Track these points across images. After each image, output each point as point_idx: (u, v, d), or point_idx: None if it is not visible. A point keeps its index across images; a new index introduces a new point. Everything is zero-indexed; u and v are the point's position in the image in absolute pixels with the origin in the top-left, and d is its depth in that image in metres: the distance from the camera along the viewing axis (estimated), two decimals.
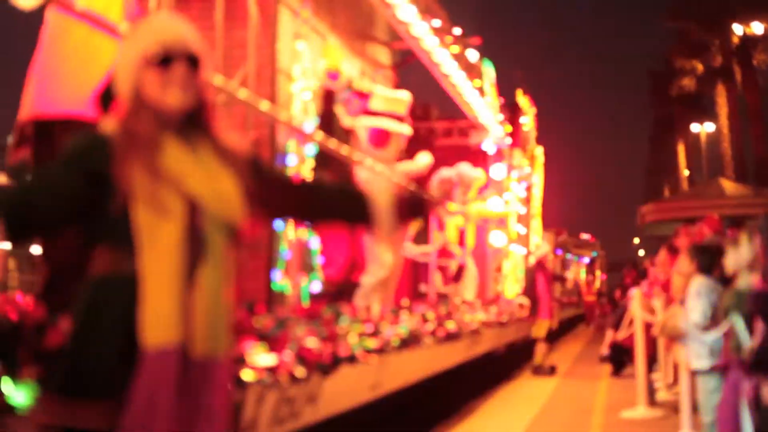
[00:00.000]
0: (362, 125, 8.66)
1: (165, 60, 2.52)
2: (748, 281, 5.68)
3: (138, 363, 2.29)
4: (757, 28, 38.05)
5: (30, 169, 3.93)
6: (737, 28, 38.52)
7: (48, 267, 4.15)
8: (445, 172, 11.80)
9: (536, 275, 14.61)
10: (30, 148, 4.16)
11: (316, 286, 7.50)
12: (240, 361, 3.65)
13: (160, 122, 2.49)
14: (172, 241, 2.38)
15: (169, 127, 2.50)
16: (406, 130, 8.91)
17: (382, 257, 8.30)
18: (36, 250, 4.23)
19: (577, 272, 39.68)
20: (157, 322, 2.32)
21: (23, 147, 4.17)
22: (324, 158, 7.60)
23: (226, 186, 2.54)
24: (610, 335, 14.43)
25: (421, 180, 11.06)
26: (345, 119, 7.96)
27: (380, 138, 8.72)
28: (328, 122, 7.56)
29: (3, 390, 2.47)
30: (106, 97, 2.58)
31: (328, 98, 7.78)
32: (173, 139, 2.49)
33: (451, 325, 7.82)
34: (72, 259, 4.19)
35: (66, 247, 4.21)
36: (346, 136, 7.59)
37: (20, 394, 2.50)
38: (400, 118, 8.86)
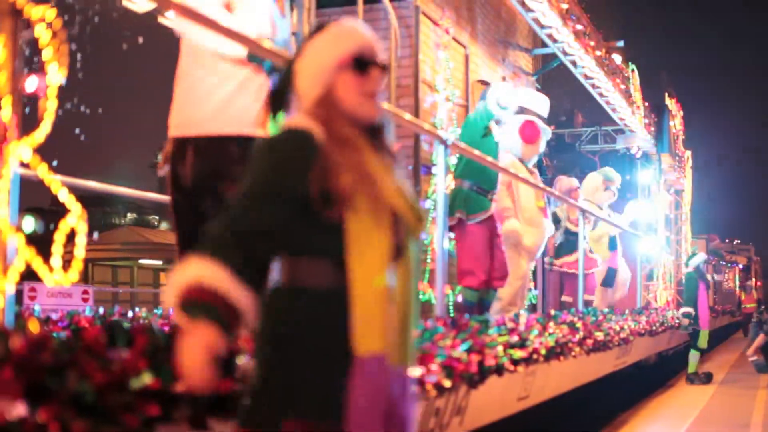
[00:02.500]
0: (511, 121, 8.53)
1: (361, 66, 2.51)
2: None
3: (350, 375, 2.29)
4: None
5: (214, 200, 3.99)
6: None
7: None
8: (591, 177, 11.58)
9: (696, 284, 14.22)
10: (169, 165, 4.24)
11: (459, 297, 7.46)
12: None
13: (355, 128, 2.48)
14: (383, 250, 2.36)
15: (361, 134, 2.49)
16: (549, 132, 8.78)
17: (519, 267, 8.21)
18: None
19: (731, 279, 38.56)
20: (370, 331, 2.31)
21: (165, 164, 4.25)
22: (467, 167, 7.56)
23: (413, 197, 2.53)
24: (761, 339, 13.98)
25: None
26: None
27: (531, 133, 8.60)
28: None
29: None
30: (277, 100, 2.56)
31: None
32: (367, 147, 2.49)
33: (599, 335, 7.67)
34: None
35: None
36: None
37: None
38: (543, 120, 8.75)
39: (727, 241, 43.63)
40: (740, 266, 42.36)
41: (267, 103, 2.70)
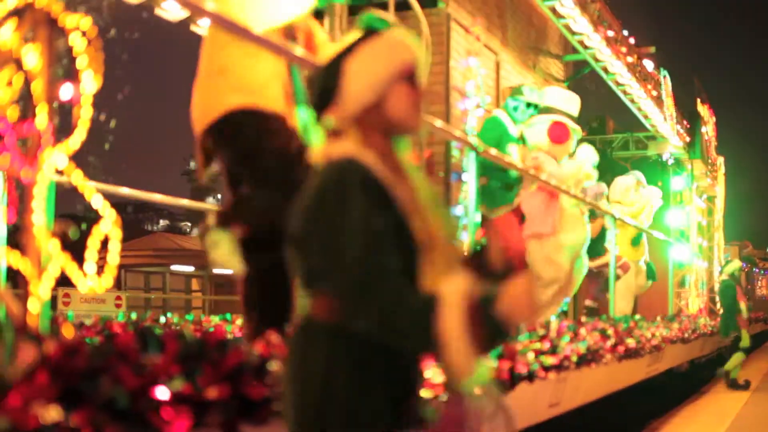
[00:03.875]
0: (540, 122, 8.50)
1: (413, 78, 2.47)
2: None
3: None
4: None
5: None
6: None
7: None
8: (621, 180, 11.51)
9: (734, 290, 14.12)
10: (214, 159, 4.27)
11: None
12: None
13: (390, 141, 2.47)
14: (440, 271, 2.31)
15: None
16: (579, 131, 8.74)
17: (561, 266, 8.20)
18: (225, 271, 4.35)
19: (765, 286, 38.19)
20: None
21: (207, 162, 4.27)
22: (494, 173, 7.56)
23: (453, 228, 2.54)
24: None
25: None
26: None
27: (561, 133, 8.57)
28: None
29: None
30: (323, 95, 2.54)
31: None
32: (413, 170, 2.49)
33: (631, 342, 7.63)
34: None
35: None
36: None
37: None
38: (574, 119, 8.72)
39: (761, 249, 43.21)
40: None
41: (310, 96, 2.67)
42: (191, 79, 4.29)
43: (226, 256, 4.03)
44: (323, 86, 2.48)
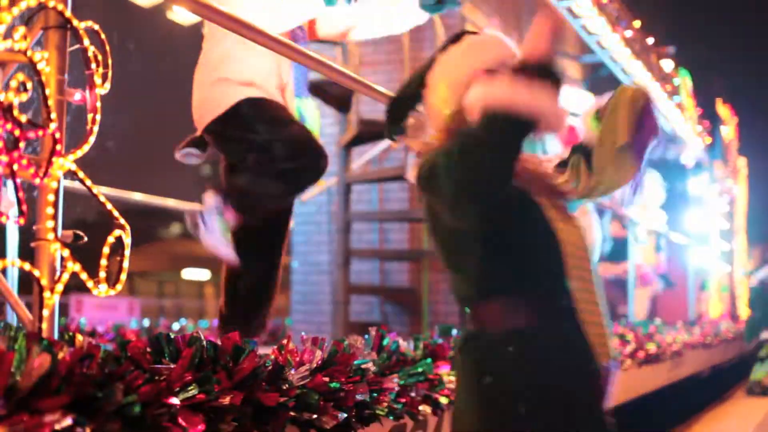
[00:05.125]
0: None
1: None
2: None
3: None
4: None
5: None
6: None
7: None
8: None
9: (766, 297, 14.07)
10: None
11: None
12: (436, 385, 3.61)
13: None
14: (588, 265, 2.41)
15: None
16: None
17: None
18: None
19: None
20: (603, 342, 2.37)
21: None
22: None
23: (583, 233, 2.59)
24: None
25: None
26: None
27: (572, 137, 8.51)
28: None
29: None
30: (399, 109, 2.53)
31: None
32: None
33: (651, 347, 7.57)
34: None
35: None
36: None
37: None
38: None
39: None
40: None
41: (387, 112, 2.65)
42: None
43: (219, 239, 4.02)
44: (403, 101, 2.49)
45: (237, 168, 4.19)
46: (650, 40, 11.46)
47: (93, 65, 2.53)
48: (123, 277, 2.50)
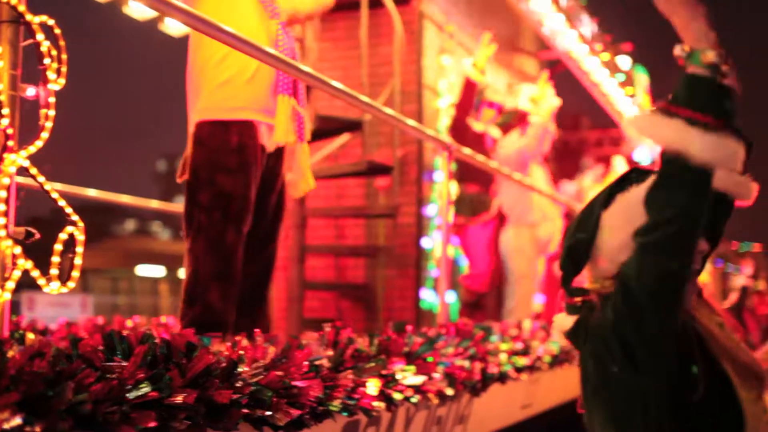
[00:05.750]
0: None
1: None
2: None
3: None
4: None
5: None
6: None
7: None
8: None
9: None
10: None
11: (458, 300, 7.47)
12: (390, 382, 3.62)
13: None
14: None
15: None
16: (553, 130, 8.78)
17: (533, 263, 8.26)
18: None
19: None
20: None
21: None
22: (466, 172, 7.57)
23: None
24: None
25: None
26: (476, 125, 7.90)
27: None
28: (460, 131, 7.51)
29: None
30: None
31: (461, 108, 7.70)
32: None
33: None
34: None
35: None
36: (477, 144, 7.52)
37: None
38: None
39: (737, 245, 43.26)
40: (749, 271, 41.66)
41: (566, 259, 2.53)
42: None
43: None
44: None
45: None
46: (608, 38, 11.53)
47: (46, 60, 2.51)
48: (75, 274, 2.49)
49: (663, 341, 2.09)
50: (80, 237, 2.49)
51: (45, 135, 2.46)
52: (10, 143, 2.31)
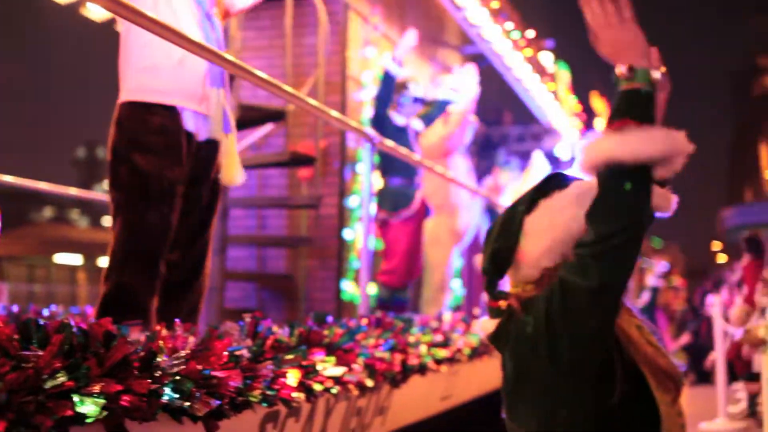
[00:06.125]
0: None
1: None
2: None
3: None
4: None
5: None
6: None
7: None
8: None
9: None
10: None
11: (377, 293, 7.49)
12: (310, 373, 3.62)
13: None
14: None
15: None
16: (474, 122, 8.85)
17: (434, 261, 8.33)
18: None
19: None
20: None
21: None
22: (389, 163, 7.58)
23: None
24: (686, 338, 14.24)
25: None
26: (398, 119, 7.92)
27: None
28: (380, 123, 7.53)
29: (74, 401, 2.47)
30: None
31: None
32: None
33: None
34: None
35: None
36: (399, 136, 7.55)
37: (87, 407, 2.49)
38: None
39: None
40: (663, 267, 42.38)
41: (489, 264, 2.52)
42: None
43: None
44: None
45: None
46: (530, 33, 11.63)
47: None
48: None
49: (595, 345, 2.14)
50: None
51: None
52: None
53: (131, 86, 4.06)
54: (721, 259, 39.25)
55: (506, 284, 2.41)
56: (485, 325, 2.44)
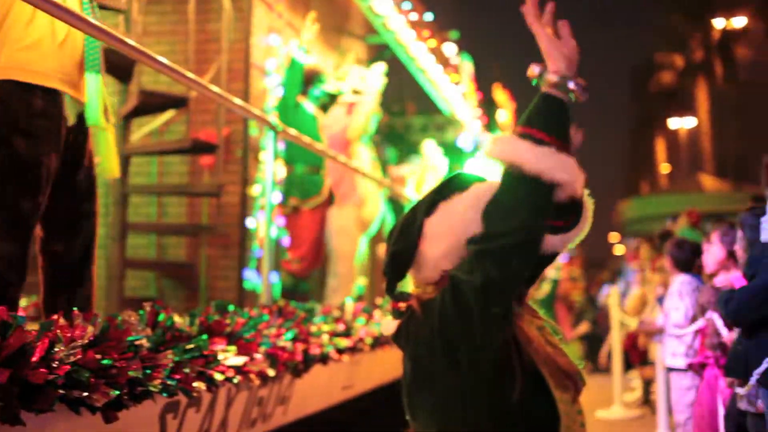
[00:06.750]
0: (340, 104, 8.62)
1: None
2: (726, 278, 5.62)
3: None
4: (737, 22, 38.28)
5: None
6: (718, 22, 38.73)
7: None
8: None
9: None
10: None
11: (281, 282, 7.47)
12: (211, 362, 3.59)
13: None
14: None
15: None
16: (377, 112, 8.87)
17: (342, 251, 8.35)
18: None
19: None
20: None
21: None
22: (294, 152, 7.56)
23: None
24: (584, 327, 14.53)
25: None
26: (308, 107, 7.91)
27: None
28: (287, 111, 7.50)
29: None
30: None
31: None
32: None
33: None
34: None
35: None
36: (310, 125, 7.55)
37: None
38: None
39: None
40: (564, 258, 43.19)
41: (388, 266, 2.49)
42: None
43: None
44: None
45: None
46: (434, 25, 11.67)
47: None
48: None
49: (489, 345, 2.16)
50: None
51: None
52: None
53: (13, 64, 3.90)
54: (619, 251, 40.06)
55: (408, 285, 2.43)
56: (387, 325, 2.45)
